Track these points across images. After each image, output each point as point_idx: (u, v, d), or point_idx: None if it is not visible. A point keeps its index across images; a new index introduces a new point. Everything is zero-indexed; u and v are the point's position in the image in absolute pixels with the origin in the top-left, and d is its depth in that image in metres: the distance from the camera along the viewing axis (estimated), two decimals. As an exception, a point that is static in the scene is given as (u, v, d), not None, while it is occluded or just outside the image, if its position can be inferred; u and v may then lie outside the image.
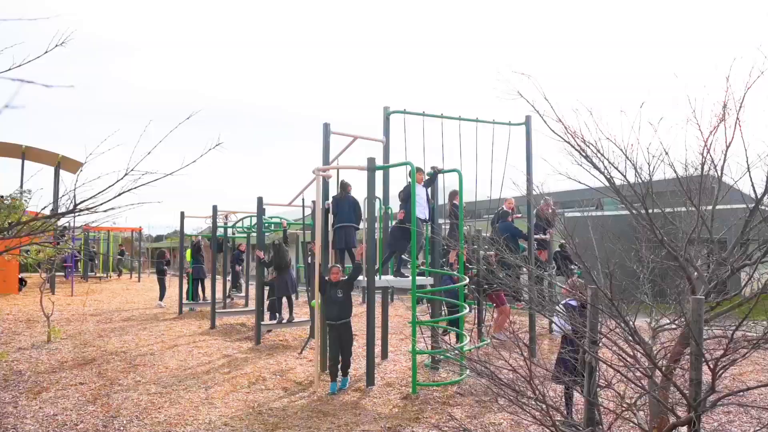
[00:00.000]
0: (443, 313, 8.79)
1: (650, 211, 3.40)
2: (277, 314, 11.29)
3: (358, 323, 12.51)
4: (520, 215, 12.51)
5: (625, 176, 3.49)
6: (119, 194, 2.95)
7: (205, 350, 9.64)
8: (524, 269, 11.11)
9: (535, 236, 11.12)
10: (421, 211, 7.40)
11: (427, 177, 7.87)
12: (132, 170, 2.84)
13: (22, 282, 19.23)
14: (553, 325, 5.60)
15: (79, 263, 24.56)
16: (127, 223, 36.38)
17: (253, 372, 8.07)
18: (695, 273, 3.46)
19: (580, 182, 3.73)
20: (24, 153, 19.35)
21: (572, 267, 12.93)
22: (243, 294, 15.66)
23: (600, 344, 3.48)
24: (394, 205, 9.20)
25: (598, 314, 3.35)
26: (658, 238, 3.40)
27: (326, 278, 7.27)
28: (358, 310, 14.96)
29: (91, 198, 3.09)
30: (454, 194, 8.13)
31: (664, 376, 3.17)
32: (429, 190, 7.97)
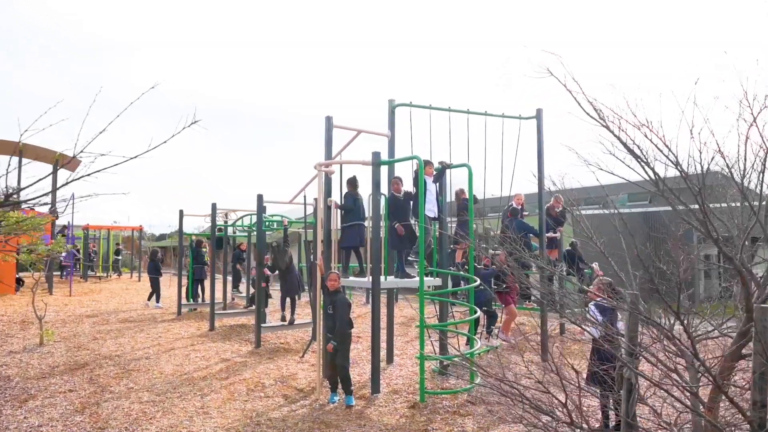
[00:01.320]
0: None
1: (702, 207, 2.97)
2: (283, 313, 10.99)
3: (362, 325, 12.12)
4: (527, 213, 12.09)
5: (678, 166, 3.06)
6: (68, 182, 2.56)
7: (203, 354, 9.25)
8: (536, 269, 10.73)
9: (546, 234, 10.71)
10: (430, 208, 6.96)
11: (434, 172, 7.44)
12: (82, 152, 2.45)
13: (19, 282, 18.87)
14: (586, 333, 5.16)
15: (78, 263, 24.22)
16: (129, 222, 36.11)
17: (253, 378, 7.68)
18: (751, 276, 3.04)
19: (612, 173, 3.31)
20: (21, 150, 18.97)
21: (582, 267, 12.55)
22: (243, 294, 15.27)
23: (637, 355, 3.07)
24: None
25: (637, 322, 2.94)
26: (712, 238, 2.98)
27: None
28: (363, 311, 14.57)
29: (29, 186, 2.71)
30: (461, 192, 7.72)
31: (717, 393, 2.77)
32: (438, 185, 7.55)
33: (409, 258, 7.62)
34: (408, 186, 7.78)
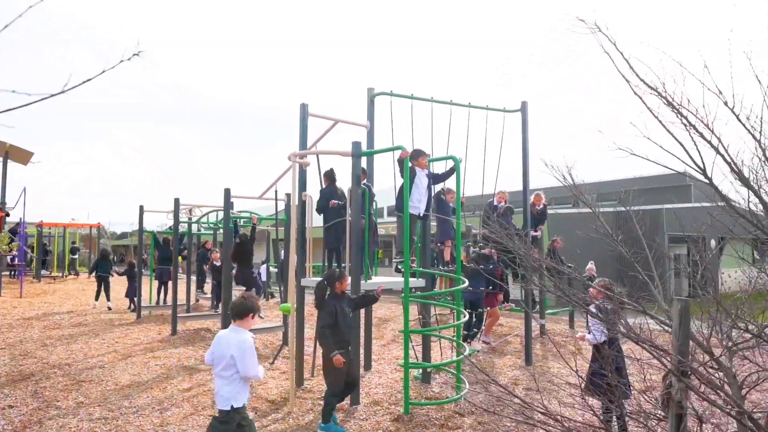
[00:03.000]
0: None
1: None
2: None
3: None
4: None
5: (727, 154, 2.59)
6: None
7: (163, 361, 8.51)
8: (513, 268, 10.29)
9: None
10: (415, 205, 6.35)
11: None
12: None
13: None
14: (588, 335, 4.77)
15: (32, 262, 22.88)
16: (89, 219, 34.53)
17: (219, 388, 7.00)
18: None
19: (646, 159, 2.84)
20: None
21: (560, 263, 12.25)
22: (208, 295, 14.47)
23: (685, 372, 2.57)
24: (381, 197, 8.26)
25: (688, 331, 2.44)
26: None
27: (333, 288, 5.70)
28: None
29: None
30: (448, 191, 7.17)
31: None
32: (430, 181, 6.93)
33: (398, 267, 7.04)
34: (385, 178, 7.23)
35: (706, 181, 2.72)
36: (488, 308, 9.89)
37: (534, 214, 10.86)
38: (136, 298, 13.57)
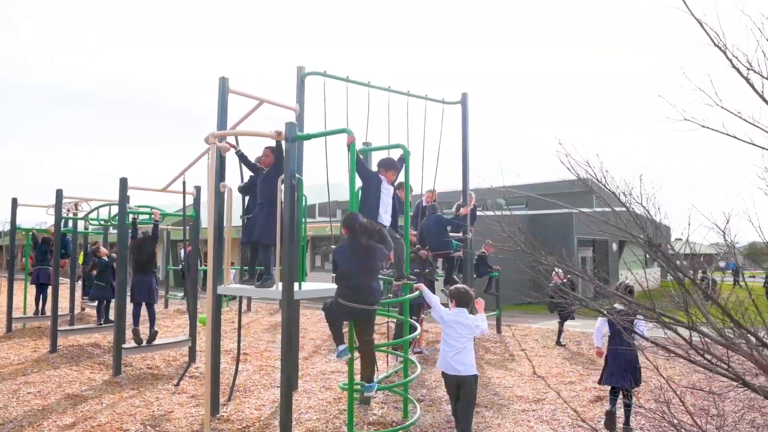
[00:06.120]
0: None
1: None
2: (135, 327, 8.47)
3: (246, 337, 10.29)
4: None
5: None
6: None
7: (39, 387, 6.95)
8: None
9: (455, 235, 9.74)
10: (384, 216, 5.41)
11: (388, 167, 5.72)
12: None
13: None
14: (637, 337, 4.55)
15: None
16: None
17: (111, 422, 5.67)
18: None
19: (731, 135, 2.17)
20: None
21: (489, 269, 11.85)
22: (95, 304, 12.59)
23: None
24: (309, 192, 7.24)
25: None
26: None
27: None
28: (245, 320, 12.64)
29: None
30: (399, 186, 6.29)
31: None
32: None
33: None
34: (333, 171, 6.23)
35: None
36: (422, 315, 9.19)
37: (464, 214, 10.32)
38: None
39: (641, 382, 5.49)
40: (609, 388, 5.56)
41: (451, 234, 9.52)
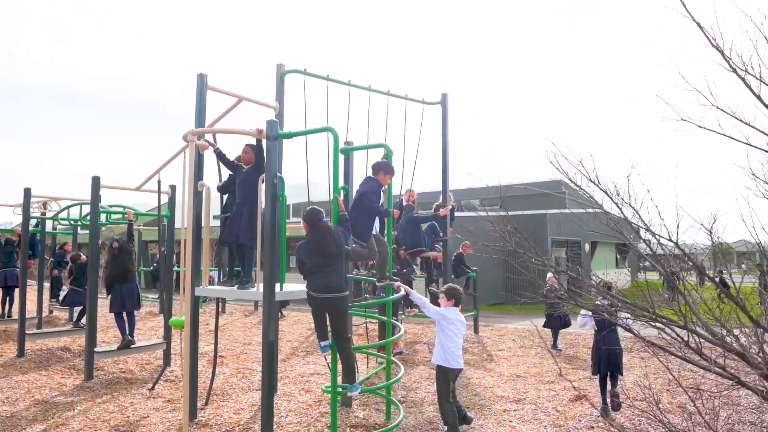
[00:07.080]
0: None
1: None
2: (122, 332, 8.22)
3: (222, 339, 10.12)
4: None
5: None
6: None
7: (6, 394, 6.70)
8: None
9: (435, 237, 9.75)
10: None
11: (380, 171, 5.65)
12: None
13: None
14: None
15: None
16: None
17: (84, 428, 5.49)
18: None
19: (731, 137, 2.17)
20: None
21: (467, 270, 11.88)
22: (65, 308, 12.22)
23: None
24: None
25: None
26: None
27: None
28: (222, 321, 12.41)
29: None
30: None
31: None
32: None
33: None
34: (312, 170, 6.14)
35: None
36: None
37: (442, 215, 10.32)
38: None
39: (623, 371, 6.01)
40: (593, 384, 5.78)
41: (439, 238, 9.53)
